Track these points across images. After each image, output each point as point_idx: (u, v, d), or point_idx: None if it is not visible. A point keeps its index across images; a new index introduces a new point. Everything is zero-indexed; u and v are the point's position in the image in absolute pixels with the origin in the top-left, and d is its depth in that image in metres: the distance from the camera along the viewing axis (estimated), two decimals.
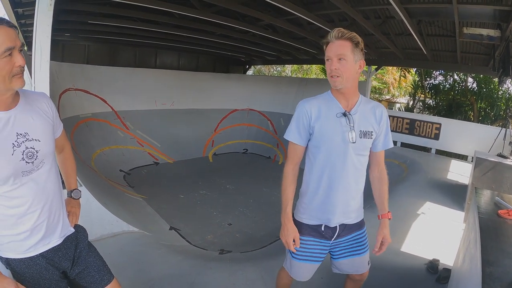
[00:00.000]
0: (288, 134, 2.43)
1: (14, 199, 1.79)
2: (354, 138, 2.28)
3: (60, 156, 2.31)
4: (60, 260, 2.01)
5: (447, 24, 7.87)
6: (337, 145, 2.30)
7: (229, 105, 14.39)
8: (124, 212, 5.95)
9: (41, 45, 4.14)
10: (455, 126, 10.80)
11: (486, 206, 2.84)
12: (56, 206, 2.01)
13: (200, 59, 17.10)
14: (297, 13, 7.00)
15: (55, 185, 2.00)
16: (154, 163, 10.91)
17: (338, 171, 2.34)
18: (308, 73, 25.68)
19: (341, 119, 2.29)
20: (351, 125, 2.29)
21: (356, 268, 2.64)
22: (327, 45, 2.25)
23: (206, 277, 4.04)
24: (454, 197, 6.79)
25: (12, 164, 1.71)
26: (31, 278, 1.90)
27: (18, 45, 1.63)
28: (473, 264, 2.11)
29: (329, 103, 2.36)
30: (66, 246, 2.06)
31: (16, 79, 1.65)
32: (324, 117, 2.31)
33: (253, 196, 8.89)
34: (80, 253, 2.12)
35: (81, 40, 12.93)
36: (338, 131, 2.29)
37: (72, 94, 9.89)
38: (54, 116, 2.03)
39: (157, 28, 9.49)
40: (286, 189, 2.43)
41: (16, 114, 1.77)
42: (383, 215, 2.55)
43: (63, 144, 2.28)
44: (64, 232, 2.07)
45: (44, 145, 1.87)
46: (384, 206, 2.57)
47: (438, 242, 5.05)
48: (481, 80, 16.02)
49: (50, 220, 1.95)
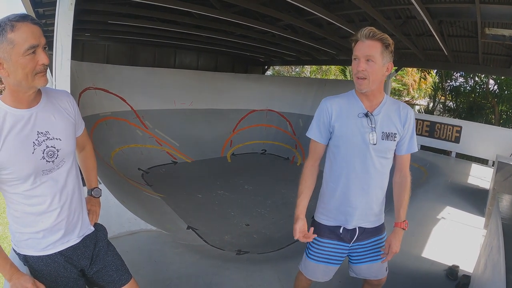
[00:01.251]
0: (309, 131, 2.43)
1: (34, 197, 1.81)
2: (375, 139, 2.24)
3: (81, 154, 2.33)
4: (79, 259, 2.02)
5: (469, 24, 7.76)
6: (357, 146, 2.27)
7: (248, 106, 14.35)
8: (142, 210, 5.97)
9: (62, 44, 4.19)
10: (476, 129, 10.63)
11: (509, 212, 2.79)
12: (76, 205, 2.02)
13: (219, 59, 17.12)
14: (317, 13, 6.96)
15: (75, 184, 2.01)
16: (173, 162, 10.95)
17: (357, 172, 2.31)
18: (327, 74, 25.53)
19: (362, 119, 2.25)
20: (373, 126, 2.24)
21: (374, 274, 2.60)
22: (355, 43, 2.19)
23: (223, 278, 4.03)
24: (475, 202, 6.68)
25: (32, 163, 1.73)
26: (48, 276, 1.92)
27: (43, 43, 1.64)
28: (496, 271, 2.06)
29: (352, 102, 2.33)
30: (85, 244, 2.07)
31: (39, 77, 1.66)
32: (345, 117, 2.28)
33: (271, 197, 8.84)
34: (98, 251, 2.14)
35: (101, 40, 13.05)
36: (358, 131, 2.25)
37: (92, 93, 9.98)
38: (76, 114, 2.04)
39: (176, 28, 9.53)
40: (301, 183, 2.44)
41: (37, 112, 1.78)
42: (396, 223, 2.46)
43: (85, 142, 2.29)
44: (83, 231, 2.08)
45: (65, 144, 1.88)
46: (400, 214, 2.47)
47: (458, 247, 4.97)
48: (502, 82, 15.77)
49: (69, 219, 1.97)
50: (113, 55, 13.70)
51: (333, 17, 7.44)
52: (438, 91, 19.17)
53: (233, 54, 16.00)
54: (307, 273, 2.63)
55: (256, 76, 16.70)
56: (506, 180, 5.65)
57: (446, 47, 8.92)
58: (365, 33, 2.12)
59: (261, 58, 17.49)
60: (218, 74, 14.74)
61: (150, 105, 11.64)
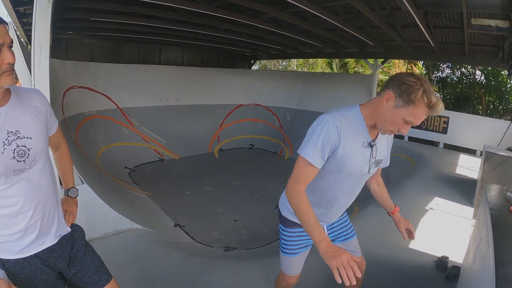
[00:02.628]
0: (309, 153, 2.02)
1: (5, 198, 1.74)
2: (372, 169, 2.23)
3: (56, 154, 2.29)
4: (56, 261, 1.98)
5: (455, 15, 7.74)
6: (354, 173, 2.20)
7: (235, 100, 14.37)
8: (129, 209, 5.94)
9: (40, 42, 4.09)
10: (463, 119, 10.71)
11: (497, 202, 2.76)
12: (51, 205, 1.96)
13: (205, 55, 17.04)
14: (301, 5, 6.88)
15: (49, 183, 1.96)
16: (160, 160, 10.90)
17: (344, 192, 2.32)
18: (313, 67, 25.56)
19: (366, 149, 2.15)
20: (374, 158, 2.19)
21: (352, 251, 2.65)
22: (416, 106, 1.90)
23: (210, 275, 4.00)
24: (463, 192, 6.70)
25: (2, 163, 1.67)
26: (26, 279, 1.87)
27: (8, 41, 1.58)
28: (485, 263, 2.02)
29: (358, 127, 2.11)
30: (61, 246, 2.02)
31: (5, 77, 1.60)
32: (351, 143, 2.07)
33: (259, 191, 8.83)
34: (76, 253, 2.09)
35: (84, 38, 12.91)
36: (360, 162, 2.16)
37: (76, 92, 9.89)
38: (47, 113, 1.98)
39: (160, 24, 9.43)
40: (303, 208, 2.01)
41: (6, 111, 1.72)
42: (393, 212, 2.60)
43: (59, 141, 2.25)
44: (59, 232, 2.03)
45: (36, 143, 1.82)
46: (391, 204, 2.62)
47: (447, 238, 4.98)
48: (489, 73, 15.89)
49: (44, 220, 1.91)
50: (97, 53, 13.56)
51: (318, 9, 7.37)
52: None
53: (218, 49, 15.92)
54: (285, 269, 2.62)
55: (242, 71, 16.70)
56: (494, 170, 5.66)
57: (432, 38, 8.90)
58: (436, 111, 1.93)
59: (247, 53, 17.43)
60: (204, 69, 14.68)
61: (136, 102, 11.59)
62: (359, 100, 9.59)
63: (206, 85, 13.78)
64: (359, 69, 22.63)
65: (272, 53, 16.39)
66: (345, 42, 10.80)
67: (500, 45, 7.97)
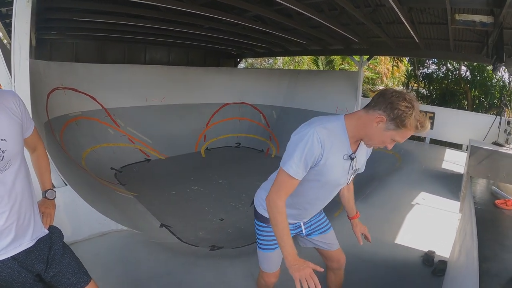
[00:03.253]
0: (290, 167, 2.04)
1: None
2: (349, 179, 2.28)
3: (33, 155, 2.27)
4: (33, 263, 1.96)
5: (439, 11, 7.75)
6: (332, 184, 2.25)
7: (221, 99, 14.32)
8: (114, 210, 5.87)
9: (20, 43, 4.00)
10: (449, 115, 10.81)
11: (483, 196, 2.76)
12: (26, 207, 1.94)
13: (190, 54, 16.98)
14: (285, 2, 6.86)
15: (25, 186, 1.94)
16: (146, 160, 10.82)
17: (320, 199, 2.41)
18: (300, 65, 25.61)
19: (346, 161, 2.16)
20: (352, 169, 2.22)
21: (330, 243, 2.74)
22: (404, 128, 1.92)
23: (195, 275, 3.98)
24: (449, 186, 6.75)
25: None
26: (3, 282, 1.86)
27: None
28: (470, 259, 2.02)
29: (341, 139, 2.11)
30: (39, 248, 2.01)
31: None
32: (333, 155, 2.09)
33: (245, 190, 8.80)
34: (54, 255, 2.07)
35: (68, 38, 12.77)
36: (340, 174, 2.19)
37: (60, 93, 9.78)
38: (23, 114, 1.95)
39: (144, 23, 9.35)
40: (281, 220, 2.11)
41: None
42: (353, 217, 2.79)
43: (36, 143, 2.23)
44: (36, 234, 2.02)
45: (11, 145, 1.80)
46: (354, 209, 2.80)
47: (434, 233, 5.01)
48: (474, 68, 16.00)
49: (19, 222, 1.89)
50: (82, 53, 13.42)
51: (302, 7, 7.35)
52: (411, 79, 19.36)
53: (204, 48, 15.88)
54: (265, 267, 2.63)
55: (228, 69, 16.64)
56: (479, 164, 5.71)
57: (417, 34, 8.93)
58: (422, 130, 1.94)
59: (233, 51, 17.42)
60: (189, 68, 14.64)
61: (121, 102, 11.49)
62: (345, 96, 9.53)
63: (192, 84, 13.72)
64: (345, 66, 22.75)
65: (258, 51, 16.36)
66: (331, 39, 10.81)
67: (484, 40, 8.01)
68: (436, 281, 3.83)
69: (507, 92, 15.44)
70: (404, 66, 21.31)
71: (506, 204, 2.51)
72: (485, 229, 2.09)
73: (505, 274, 1.58)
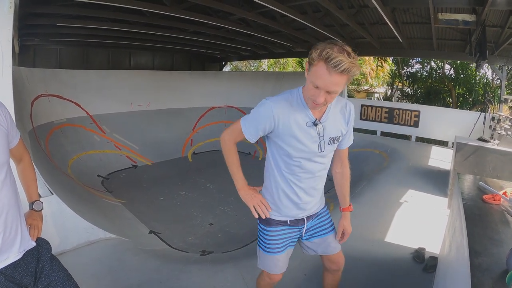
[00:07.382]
0: (244, 125, 2.28)
1: None
2: (323, 147, 2.22)
3: (19, 166, 2.21)
4: (21, 277, 1.90)
5: (422, 11, 7.84)
6: (306, 154, 2.21)
7: (207, 103, 14.23)
8: (101, 218, 5.77)
9: (2, 50, 3.93)
10: (434, 112, 10.93)
11: (470, 192, 2.77)
12: (13, 219, 1.88)
13: (175, 58, 16.97)
14: (268, 5, 6.87)
15: (11, 197, 1.88)
16: (133, 166, 10.71)
17: (307, 176, 2.32)
18: (285, 67, 25.69)
19: (311, 128, 2.15)
20: (321, 136, 2.18)
21: (331, 247, 2.61)
22: (315, 66, 1.87)
23: (186, 281, 3.92)
24: (437, 183, 6.80)
25: None
26: None
27: None
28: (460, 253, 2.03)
29: (299, 108, 2.14)
30: (26, 261, 1.95)
31: None
32: (292, 125, 2.13)
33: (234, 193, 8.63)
34: (42, 268, 2.01)
35: (52, 44, 12.70)
36: (307, 141, 2.17)
37: (45, 100, 9.64)
38: (8, 124, 1.90)
39: (128, 27, 9.32)
40: (230, 155, 2.45)
41: None
42: (344, 209, 2.65)
43: (22, 153, 2.17)
44: (23, 247, 1.95)
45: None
46: (346, 200, 2.65)
47: (423, 229, 5.02)
48: (458, 66, 16.22)
49: (6, 234, 1.83)
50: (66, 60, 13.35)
51: (286, 9, 7.37)
52: (395, 78, 19.52)
53: (189, 52, 15.90)
54: (270, 269, 2.55)
55: (213, 73, 16.61)
56: (465, 160, 5.75)
57: (400, 34, 9.01)
58: (333, 65, 1.77)
59: (217, 55, 17.45)
60: (174, 73, 14.55)
61: (107, 109, 11.36)
62: None
63: (178, 88, 13.63)
64: None
65: (243, 54, 16.41)
66: (315, 41, 10.80)
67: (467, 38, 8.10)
68: (427, 277, 3.85)
69: (490, 88, 15.60)
70: (388, 66, 21.44)
71: (493, 198, 2.52)
72: (474, 224, 2.09)
73: (496, 268, 1.58)
